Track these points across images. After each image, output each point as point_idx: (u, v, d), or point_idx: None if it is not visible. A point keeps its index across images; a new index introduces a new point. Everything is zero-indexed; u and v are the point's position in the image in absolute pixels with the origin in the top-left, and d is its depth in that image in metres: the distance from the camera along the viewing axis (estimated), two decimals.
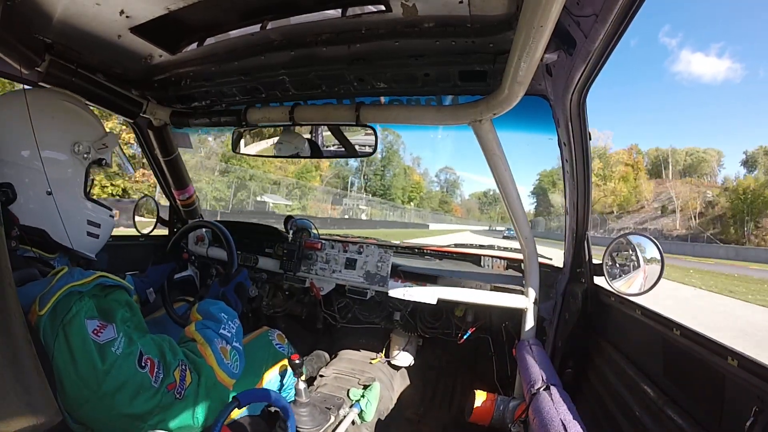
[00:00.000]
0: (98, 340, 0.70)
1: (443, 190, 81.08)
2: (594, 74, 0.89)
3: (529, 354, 1.30)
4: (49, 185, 0.88)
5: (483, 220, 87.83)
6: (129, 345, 0.74)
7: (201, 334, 0.97)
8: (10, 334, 0.57)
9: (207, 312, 1.09)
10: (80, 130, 0.98)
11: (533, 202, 64.73)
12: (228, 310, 1.13)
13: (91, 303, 0.73)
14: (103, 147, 1.01)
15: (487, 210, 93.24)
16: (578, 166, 1.19)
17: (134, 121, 1.61)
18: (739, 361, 0.66)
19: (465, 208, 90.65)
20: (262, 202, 23.42)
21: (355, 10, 0.91)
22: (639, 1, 0.64)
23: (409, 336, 2.04)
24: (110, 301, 0.78)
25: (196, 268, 1.95)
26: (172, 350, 0.84)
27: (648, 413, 0.91)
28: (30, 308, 0.67)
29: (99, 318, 0.73)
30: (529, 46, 0.72)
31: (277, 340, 1.53)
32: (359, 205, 37.81)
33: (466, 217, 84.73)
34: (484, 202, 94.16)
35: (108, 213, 1.06)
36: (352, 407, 1.62)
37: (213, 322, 1.04)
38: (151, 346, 0.80)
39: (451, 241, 2.35)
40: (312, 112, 1.30)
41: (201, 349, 0.92)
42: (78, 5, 0.91)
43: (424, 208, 62.30)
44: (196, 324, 1.02)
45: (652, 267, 1.14)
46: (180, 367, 0.81)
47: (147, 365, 0.75)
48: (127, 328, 0.78)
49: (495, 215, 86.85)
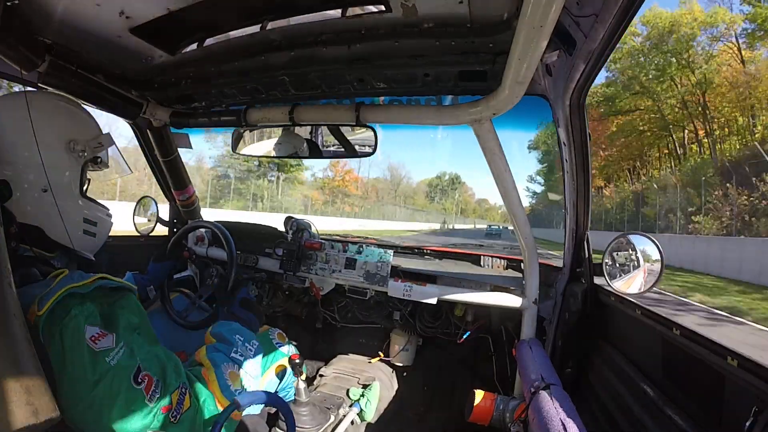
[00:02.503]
0: (94, 348, 0.68)
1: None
2: (594, 74, 0.89)
3: (529, 354, 1.30)
4: (43, 183, 0.88)
5: (435, 212, 60.10)
6: (128, 358, 0.73)
7: (209, 358, 0.96)
8: (10, 334, 0.57)
9: (220, 335, 1.07)
10: (75, 128, 0.98)
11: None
12: (243, 331, 1.11)
13: (93, 308, 0.72)
14: (98, 146, 1.01)
15: (441, 200, 67.04)
16: (578, 166, 1.19)
17: (134, 121, 1.61)
18: (739, 361, 0.66)
19: (411, 197, 58.71)
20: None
21: (355, 10, 0.91)
22: (639, 1, 0.64)
23: (409, 336, 2.04)
24: (115, 308, 0.77)
25: (196, 267, 1.95)
26: (176, 371, 0.82)
27: (648, 413, 0.91)
28: (29, 309, 0.67)
29: (101, 325, 0.72)
30: (529, 46, 0.72)
31: (277, 338, 1.53)
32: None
33: (411, 210, 52.17)
34: (437, 187, 66.29)
35: (105, 212, 1.06)
36: (351, 407, 1.62)
37: (225, 345, 1.03)
38: (154, 362, 0.78)
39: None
40: (312, 112, 1.30)
41: (205, 373, 0.90)
42: (78, 6, 0.91)
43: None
44: (207, 347, 1.01)
45: (652, 267, 1.14)
46: (180, 390, 0.79)
47: (144, 382, 0.73)
48: (130, 338, 0.76)
49: (451, 206, 65.58)
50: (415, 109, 1.26)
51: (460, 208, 72.68)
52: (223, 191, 23.99)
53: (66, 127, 0.96)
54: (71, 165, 0.96)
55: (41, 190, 0.88)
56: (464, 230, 43.99)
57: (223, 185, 24.45)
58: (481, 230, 41.51)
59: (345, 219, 29.36)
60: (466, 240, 15.73)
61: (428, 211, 57.76)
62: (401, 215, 45.75)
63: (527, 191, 44.78)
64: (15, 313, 0.59)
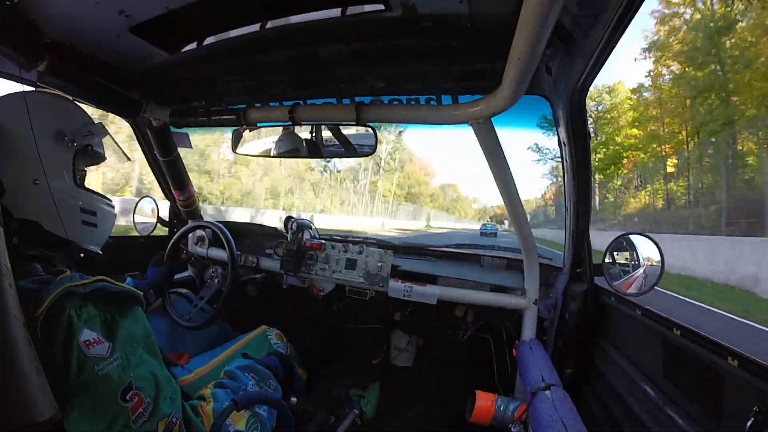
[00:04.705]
0: (85, 352, 0.66)
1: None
2: (594, 74, 0.88)
3: (529, 354, 1.30)
4: (34, 175, 0.86)
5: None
6: (119, 371, 0.70)
7: (212, 392, 0.94)
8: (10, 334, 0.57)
9: (231, 373, 1.06)
10: (63, 118, 0.97)
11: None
12: (260, 369, 1.09)
13: (95, 312, 0.71)
14: (88, 134, 0.99)
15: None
16: (578, 166, 1.19)
17: (134, 121, 1.61)
18: (740, 361, 0.66)
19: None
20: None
21: (355, 10, 0.91)
22: (638, 1, 0.64)
23: (409, 336, 2.04)
24: (119, 318, 0.75)
25: (196, 269, 1.95)
26: (171, 399, 0.79)
27: (648, 413, 0.91)
28: (27, 307, 0.67)
29: (100, 332, 0.70)
30: (529, 46, 0.71)
31: (275, 339, 1.53)
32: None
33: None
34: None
35: (105, 202, 1.04)
36: (352, 407, 1.62)
37: (233, 381, 1.01)
38: (149, 383, 0.75)
39: None
40: (312, 111, 1.30)
41: (201, 408, 0.88)
42: (77, 5, 0.91)
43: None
44: (216, 382, 0.99)
45: (652, 267, 1.14)
46: (170, 420, 0.75)
47: (132, 401, 0.70)
48: (128, 351, 0.74)
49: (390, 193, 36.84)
50: (414, 108, 1.26)
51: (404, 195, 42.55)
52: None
53: (52, 118, 0.95)
54: (62, 155, 0.94)
55: (33, 183, 0.86)
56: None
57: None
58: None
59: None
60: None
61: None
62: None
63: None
64: (15, 313, 0.59)
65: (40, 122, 0.90)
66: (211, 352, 1.35)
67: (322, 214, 25.28)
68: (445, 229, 38.89)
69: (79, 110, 1.02)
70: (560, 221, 39.01)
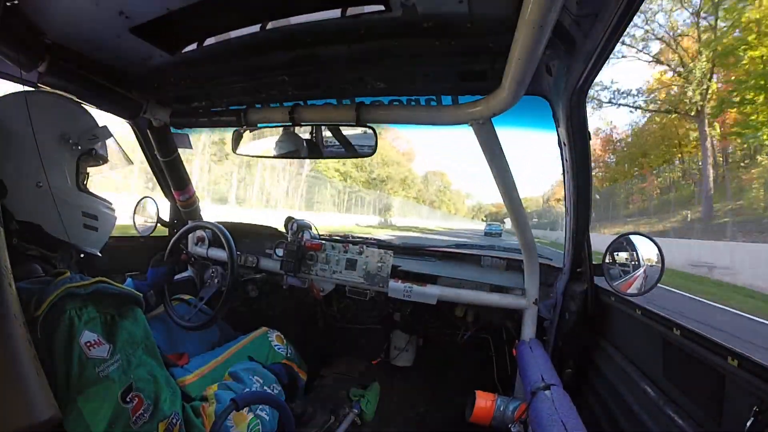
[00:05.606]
0: (86, 353, 0.66)
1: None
2: (594, 74, 0.88)
3: (530, 354, 1.30)
4: (37, 178, 0.86)
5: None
6: (120, 373, 0.70)
7: (215, 393, 0.93)
8: (10, 334, 0.57)
9: (236, 374, 1.06)
10: (68, 121, 0.97)
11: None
12: (265, 373, 1.09)
13: (95, 314, 0.71)
14: (93, 137, 0.99)
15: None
16: (578, 166, 1.19)
17: (134, 121, 1.61)
18: (740, 361, 0.66)
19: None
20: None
21: (355, 10, 0.91)
22: (638, 1, 0.64)
23: (410, 336, 2.04)
24: (119, 320, 0.75)
25: (196, 269, 1.95)
26: (171, 401, 0.79)
27: (648, 413, 0.91)
28: (27, 308, 0.67)
29: (100, 333, 0.70)
30: (529, 46, 0.71)
31: (276, 341, 1.53)
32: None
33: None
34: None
35: (106, 205, 1.04)
36: (352, 407, 1.62)
37: (237, 383, 1.01)
38: (149, 384, 0.75)
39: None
40: (312, 112, 1.30)
41: (203, 408, 0.87)
42: (77, 6, 0.91)
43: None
44: (219, 384, 0.99)
45: (652, 267, 1.14)
46: (170, 421, 0.76)
47: (133, 402, 0.70)
48: (129, 353, 0.74)
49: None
50: (415, 109, 1.26)
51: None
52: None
53: (57, 121, 0.95)
54: (65, 158, 0.94)
55: (36, 186, 0.86)
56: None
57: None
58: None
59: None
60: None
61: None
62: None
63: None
64: (15, 313, 0.59)
65: (45, 124, 0.90)
66: (212, 353, 1.35)
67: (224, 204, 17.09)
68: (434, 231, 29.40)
69: (85, 113, 1.03)
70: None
